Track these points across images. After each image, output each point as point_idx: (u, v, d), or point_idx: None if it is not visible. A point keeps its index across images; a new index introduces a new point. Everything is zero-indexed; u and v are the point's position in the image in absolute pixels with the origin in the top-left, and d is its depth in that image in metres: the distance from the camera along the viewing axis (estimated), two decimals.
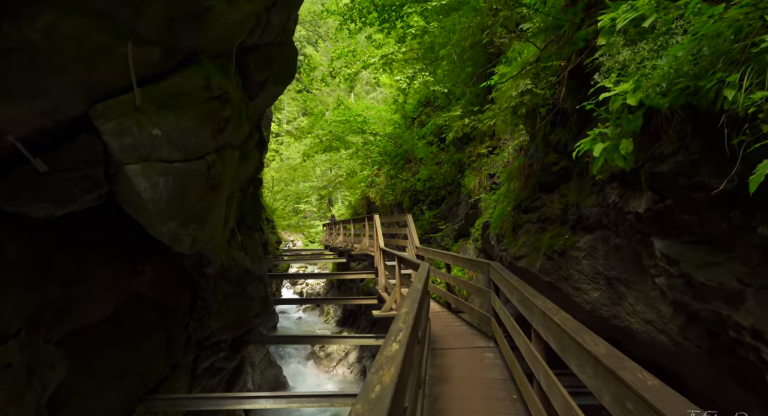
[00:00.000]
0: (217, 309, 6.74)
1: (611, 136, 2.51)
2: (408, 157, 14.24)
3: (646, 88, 2.18)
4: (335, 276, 14.09)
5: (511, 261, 6.20)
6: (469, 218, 10.18)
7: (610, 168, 3.29)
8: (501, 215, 7.01)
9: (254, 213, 7.91)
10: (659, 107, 2.22)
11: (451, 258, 7.25)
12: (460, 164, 11.45)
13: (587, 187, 4.60)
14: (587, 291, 4.65)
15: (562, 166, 5.22)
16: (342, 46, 9.43)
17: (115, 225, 5.00)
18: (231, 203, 6.43)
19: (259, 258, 7.92)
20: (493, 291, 5.46)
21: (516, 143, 8.29)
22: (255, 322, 7.52)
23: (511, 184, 6.79)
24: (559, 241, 5.16)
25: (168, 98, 4.09)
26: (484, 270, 5.84)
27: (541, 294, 5.54)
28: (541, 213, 5.76)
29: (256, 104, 6.92)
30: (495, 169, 9.42)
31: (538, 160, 5.85)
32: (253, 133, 6.15)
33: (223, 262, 6.88)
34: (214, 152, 4.70)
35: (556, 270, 5.15)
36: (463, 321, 6.85)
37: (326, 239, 18.78)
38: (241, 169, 6.23)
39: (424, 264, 5.39)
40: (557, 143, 5.24)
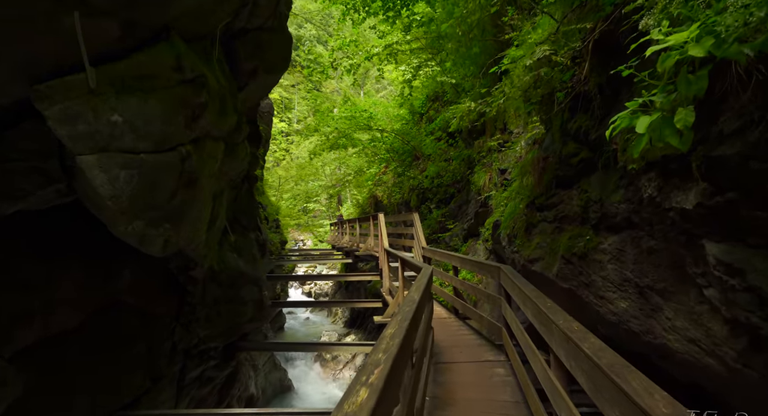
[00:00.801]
0: (206, 314, 6.21)
1: (661, 105, 1.88)
2: (416, 154, 13.62)
3: (724, 30, 1.55)
4: (338, 278, 13.54)
5: (524, 264, 5.55)
6: (479, 217, 9.53)
7: (648, 154, 2.64)
8: (513, 213, 6.36)
9: (249, 213, 7.38)
10: (737, 59, 1.59)
11: (459, 261, 6.62)
12: (469, 160, 10.80)
13: (613, 180, 3.94)
14: (613, 300, 3.99)
15: (583, 157, 4.56)
16: (344, 36, 8.86)
17: (87, 225, 4.48)
18: (219, 201, 5.90)
19: (254, 259, 7.39)
20: (504, 298, 4.83)
21: (529, 136, 7.62)
22: (248, 328, 6.99)
23: (524, 180, 6.13)
24: (579, 243, 4.51)
25: (131, 80, 3.54)
26: (493, 274, 5.21)
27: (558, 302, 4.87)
28: (558, 211, 5.11)
29: (248, 95, 6.38)
30: (506, 164, 8.75)
31: (555, 151, 5.19)
32: (242, 125, 5.60)
33: (213, 264, 6.35)
34: (189, 143, 4.15)
35: (576, 275, 4.50)
36: (471, 330, 6.22)
37: (333, 239, 18.23)
38: (229, 164, 5.69)
39: (427, 269, 4.78)
40: (577, 132, 4.58)
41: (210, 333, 6.25)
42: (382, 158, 15.34)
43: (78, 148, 3.29)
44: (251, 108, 7.23)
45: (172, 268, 5.76)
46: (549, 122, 5.37)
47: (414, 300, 2.97)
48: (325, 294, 22.20)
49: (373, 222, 10.41)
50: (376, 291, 12.35)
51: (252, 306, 6.88)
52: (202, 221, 5.00)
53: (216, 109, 4.63)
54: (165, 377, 5.65)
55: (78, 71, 3.23)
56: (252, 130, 7.61)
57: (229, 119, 5.08)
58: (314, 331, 18.16)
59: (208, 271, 6.28)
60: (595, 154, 4.25)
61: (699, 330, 2.92)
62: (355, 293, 18.07)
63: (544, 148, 5.64)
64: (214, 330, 6.31)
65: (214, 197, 5.62)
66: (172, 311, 5.83)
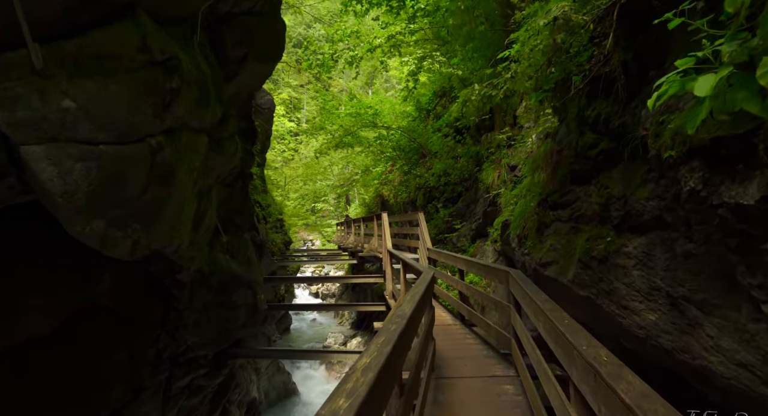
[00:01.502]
0: (195, 320, 5.78)
1: (731, 57, 1.35)
2: (422, 152, 13.09)
3: None
4: (341, 280, 13.08)
5: (536, 268, 5.01)
6: (488, 216, 8.97)
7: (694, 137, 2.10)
8: (523, 212, 5.82)
9: (244, 212, 6.94)
10: None
11: (465, 263, 6.10)
12: (477, 157, 10.24)
13: (640, 173, 3.39)
14: (639, 311, 3.44)
15: (603, 148, 4.01)
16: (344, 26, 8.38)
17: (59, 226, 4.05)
18: (207, 199, 5.46)
19: (248, 261, 6.94)
20: (513, 306, 4.30)
21: (541, 129, 7.05)
22: (241, 334, 6.55)
23: (536, 176, 5.58)
24: (598, 245, 3.96)
25: (87, 61, 3.10)
26: (502, 279, 4.67)
27: (575, 311, 4.31)
28: (574, 209, 4.56)
29: (238, 86, 5.94)
30: (516, 160, 8.19)
31: (570, 143, 4.65)
32: (229, 117, 5.15)
33: (202, 267, 5.92)
34: (161, 134, 3.70)
35: (595, 282, 3.95)
36: (478, 338, 5.69)
37: (339, 239, 17.79)
38: (215, 160, 5.25)
39: (426, 274, 4.27)
40: (596, 120, 4.03)
41: (199, 340, 5.82)
42: (388, 156, 14.83)
43: (20, 137, 2.86)
44: (244, 101, 6.79)
45: (156, 272, 5.33)
46: (563, 111, 4.82)
47: (403, 316, 2.47)
48: (332, 294, 21.78)
49: (377, 222, 9.91)
50: (381, 292, 11.86)
51: (245, 310, 6.43)
52: (183, 220, 4.56)
53: (194, 97, 4.18)
54: (148, 388, 5.23)
55: (18, 48, 2.79)
56: (246, 126, 7.18)
57: (212, 110, 4.63)
58: (320, 333, 17.75)
59: (197, 274, 5.85)
60: (617, 144, 3.71)
61: (753, 354, 2.37)
62: (361, 294, 17.62)
63: (557, 140, 5.09)
64: (203, 337, 5.88)
65: (199, 194, 5.19)
66: (157, 317, 5.41)
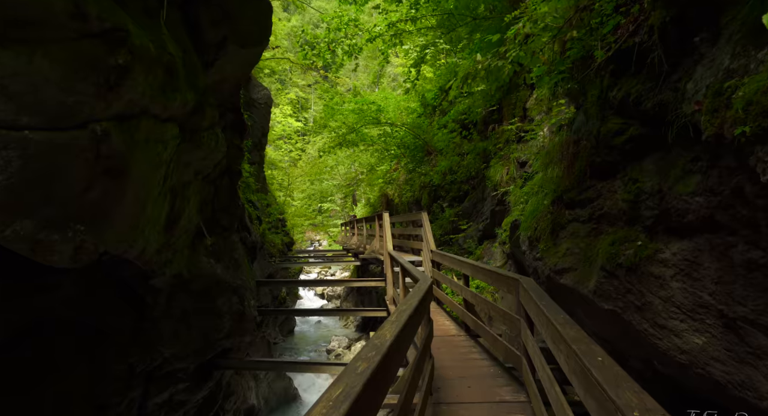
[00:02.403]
0: (173, 330, 5.21)
1: None
2: (428, 149, 12.44)
3: None
4: (340, 284, 12.50)
5: (550, 275, 4.35)
6: (496, 216, 8.31)
7: None
8: (534, 212, 5.16)
9: (232, 211, 6.37)
10: None
11: (470, 268, 5.44)
12: (485, 153, 9.56)
13: (682, 162, 2.72)
14: (681, 332, 2.77)
15: (632, 135, 3.34)
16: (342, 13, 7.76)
17: None
18: (184, 197, 4.90)
19: (236, 264, 6.37)
20: (524, 321, 3.64)
21: (554, 121, 6.37)
22: (227, 343, 5.97)
23: (549, 171, 4.92)
24: (625, 250, 3.30)
25: (2, 27, 2.53)
26: (511, 288, 4.01)
27: (598, 327, 3.65)
28: (594, 207, 3.90)
29: (220, 74, 5.36)
30: (527, 155, 7.51)
31: (590, 132, 3.98)
32: (205, 106, 4.57)
33: (182, 271, 5.35)
34: (109, 120, 3.13)
35: (623, 294, 3.29)
36: (484, 352, 5.03)
37: (343, 239, 17.20)
38: (191, 154, 4.68)
39: (423, 282, 3.64)
40: (623, 101, 3.36)
41: (177, 351, 5.25)
42: (393, 155, 14.20)
43: None
44: (230, 92, 6.21)
45: (126, 277, 4.77)
46: (582, 95, 4.14)
47: (382, 344, 1.85)
48: (338, 296, 21.20)
49: (378, 223, 9.29)
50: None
51: (230, 318, 5.85)
52: (148, 221, 3.99)
53: (157, 80, 3.59)
54: (117, 405, 4.67)
55: None
56: (234, 119, 6.60)
57: (181, 96, 4.05)
58: (325, 335, 17.17)
59: (176, 280, 5.28)
60: (651, 128, 3.04)
61: None
62: (366, 296, 17.02)
63: (574, 129, 4.42)
64: (182, 349, 5.31)
65: (172, 192, 4.62)
66: (128, 328, 4.85)
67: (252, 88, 9.60)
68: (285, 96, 37.32)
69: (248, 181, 7.99)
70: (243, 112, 6.73)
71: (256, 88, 9.76)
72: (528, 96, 8.36)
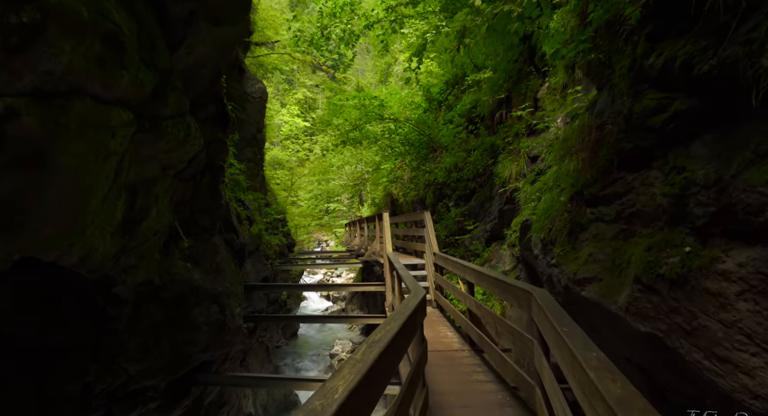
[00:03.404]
0: (139, 344, 4.59)
1: None
2: (433, 146, 11.73)
3: None
4: (338, 289, 11.84)
5: (569, 285, 3.62)
6: (504, 216, 7.57)
7: None
8: (548, 210, 4.43)
9: (213, 211, 5.75)
10: None
11: (474, 275, 4.73)
12: (493, 149, 8.82)
13: (758, 140, 2.00)
14: (753, 370, 2.04)
15: (676, 111, 2.60)
16: None
17: None
18: (150, 195, 4.29)
19: (217, 269, 5.74)
20: (537, 344, 2.92)
21: (569, 110, 5.62)
22: (204, 357, 5.33)
23: (566, 163, 4.18)
24: (667, 258, 2.56)
25: None
26: (522, 302, 3.29)
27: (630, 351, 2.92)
28: (624, 204, 3.16)
29: (191, 54, 4.72)
30: (538, 149, 6.76)
31: (617, 112, 3.25)
32: (167, 90, 3.94)
33: (152, 278, 4.73)
34: (17, 95, 2.49)
35: (665, 313, 2.55)
36: (490, 372, 4.31)
37: (346, 240, 16.54)
38: (152, 146, 4.05)
39: (412, 298, 2.95)
40: (665, 69, 2.63)
41: (145, 368, 4.63)
42: (397, 152, 13.50)
43: None
44: (210, 79, 5.54)
45: (84, 286, 4.16)
46: (607, 68, 3.41)
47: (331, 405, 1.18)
48: (343, 297, 20.57)
49: (379, 223, 8.61)
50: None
51: (208, 330, 5.21)
52: (91, 221, 3.36)
53: (92, 52, 2.96)
54: None
55: None
56: (216, 110, 5.98)
57: (131, 75, 3.41)
58: (328, 338, 16.57)
59: (144, 288, 4.66)
60: (705, 99, 2.31)
61: None
62: (371, 298, 16.36)
63: (597, 112, 3.68)
64: (151, 365, 4.69)
65: (132, 189, 4.00)
66: (85, 342, 4.23)
67: (246, 81, 9.00)
68: (292, 96, 36.90)
69: (237, 179, 7.38)
70: (227, 103, 6.09)
71: (250, 82, 9.17)
72: (539, 85, 7.61)
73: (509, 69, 8.48)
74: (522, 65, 8.23)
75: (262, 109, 9.40)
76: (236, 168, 7.47)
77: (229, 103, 6.08)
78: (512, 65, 8.46)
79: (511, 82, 8.37)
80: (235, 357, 8.32)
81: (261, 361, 11.54)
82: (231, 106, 6.18)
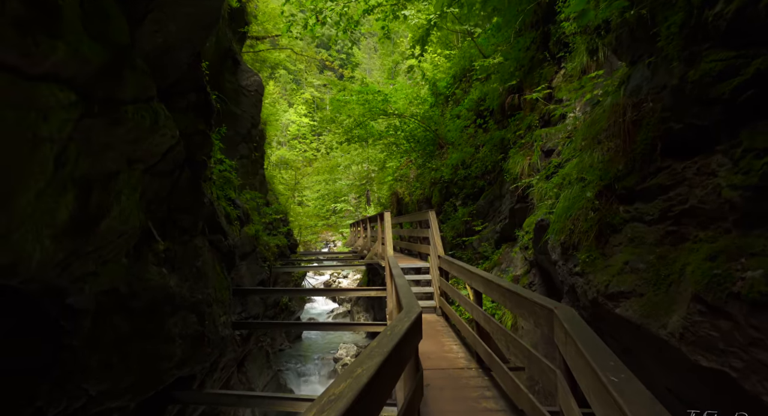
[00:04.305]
0: (101, 361, 4.01)
1: None
2: (439, 142, 11.06)
3: None
4: (335, 293, 11.24)
5: (597, 299, 2.94)
6: (516, 215, 6.87)
7: None
8: (569, 209, 3.74)
9: (195, 211, 5.17)
10: None
11: (482, 283, 4.05)
12: (503, 144, 8.12)
13: None
14: None
15: (755, 73, 1.92)
16: None
17: None
18: (110, 192, 3.71)
19: (198, 274, 5.15)
20: (562, 376, 2.25)
21: (589, 97, 4.92)
22: (180, 373, 4.74)
23: (591, 152, 3.50)
24: (745, 270, 1.88)
25: None
26: (540, 319, 2.61)
27: (685, 389, 2.24)
28: (672, 200, 2.48)
29: (159, 32, 4.13)
30: (554, 141, 6.05)
31: (659, 86, 2.56)
32: (123, 70, 3.37)
33: (117, 286, 4.15)
34: None
35: (743, 345, 1.87)
36: (502, 398, 3.64)
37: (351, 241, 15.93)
38: (110, 134, 3.47)
39: (402, 318, 2.30)
40: (738, 16, 1.95)
41: (108, 388, 4.05)
42: (402, 149, 12.84)
43: None
44: (191, 65, 4.94)
45: (35, 297, 3.59)
46: (648, 29, 2.72)
47: None
48: (349, 299, 19.96)
49: (380, 223, 7.97)
50: None
51: (184, 343, 4.62)
52: (21, 222, 2.78)
53: (10, 12, 2.39)
54: None
55: None
56: (198, 99, 5.38)
57: (69, 48, 2.83)
58: (333, 342, 15.97)
59: (108, 296, 4.08)
60: None
61: None
62: (376, 300, 15.74)
63: (631, 89, 3.00)
64: (115, 384, 4.10)
65: (82, 184, 3.42)
66: (35, 361, 3.66)
67: (240, 73, 8.43)
68: (300, 96, 36.43)
69: (228, 176, 6.80)
70: (211, 92, 5.50)
71: (245, 74, 8.60)
72: (554, 73, 6.90)
73: (520, 57, 7.78)
74: (535, 52, 7.52)
75: (257, 103, 8.83)
76: (227, 164, 6.89)
77: (213, 92, 5.49)
78: (524, 53, 7.75)
79: (523, 71, 7.67)
80: (228, 366, 7.74)
81: (260, 367, 10.98)
82: (215, 95, 5.60)
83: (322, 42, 42.62)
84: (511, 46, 8.05)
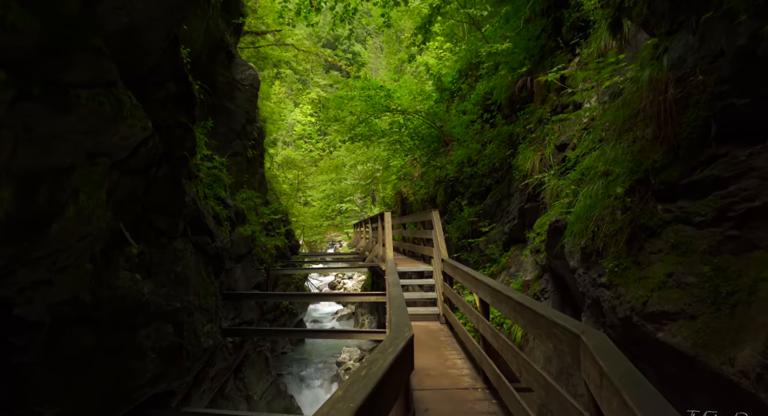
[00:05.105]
0: (60, 379, 3.53)
1: None
2: (444, 139, 10.50)
3: None
4: (333, 298, 10.77)
5: (632, 318, 2.37)
6: (526, 215, 6.29)
7: None
8: (592, 208, 3.17)
9: (173, 211, 4.69)
10: None
11: (489, 293, 3.50)
12: (511, 140, 7.54)
13: None
14: None
15: None
16: None
17: None
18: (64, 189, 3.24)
19: (177, 280, 4.66)
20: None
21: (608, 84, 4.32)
22: (151, 391, 4.23)
23: (618, 142, 2.93)
24: None
25: None
26: (562, 345, 2.06)
27: None
28: (733, 196, 1.91)
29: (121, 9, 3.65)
30: (569, 134, 5.47)
31: (712, 54, 2.01)
32: (71, 49, 2.88)
33: (79, 294, 3.67)
34: None
35: None
36: None
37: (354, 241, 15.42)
38: (58, 122, 2.99)
39: (385, 348, 1.76)
40: None
41: (67, 409, 3.57)
42: (406, 147, 12.29)
43: None
44: (168, 51, 4.44)
45: None
46: None
47: None
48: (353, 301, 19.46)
49: (381, 224, 7.43)
50: None
51: (156, 357, 4.13)
52: None
53: None
54: None
55: None
56: (178, 89, 4.89)
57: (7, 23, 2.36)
58: (336, 345, 15.46)
59: (69, 306, 3.60)
60: None
61: None
62: (381, 303, 15.19)
63: (673, 61, 2.43)
64: (77, 404, 3.62)
65: (26, 179, 2.95)
66: None
67: (234, 67, 7.97)
68: (306, 95, 36.04)
69: (217, 174, 6.33)
70: (193, 81, 5.01)
71: (239, 67, 8.13)
72: (568, 61, 6.31)
73: (530, 46, 7.20)
74: (546, 40, 6.94)
75: (253, 97, 8.35)
76: (217, 161, 6.41)
77: (196, 82, 5.01)
78: (534, 42, 7.17)
79: (533, 61, 7.09)
80: (220, 375, 7.26)
81: (259, 373, 10.50)
82: (198, 85, 5.12)
83: (328, 41, 42.18)
84: (520, 35, 7.48)
